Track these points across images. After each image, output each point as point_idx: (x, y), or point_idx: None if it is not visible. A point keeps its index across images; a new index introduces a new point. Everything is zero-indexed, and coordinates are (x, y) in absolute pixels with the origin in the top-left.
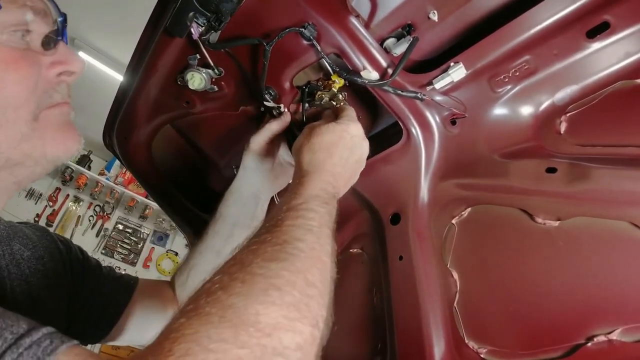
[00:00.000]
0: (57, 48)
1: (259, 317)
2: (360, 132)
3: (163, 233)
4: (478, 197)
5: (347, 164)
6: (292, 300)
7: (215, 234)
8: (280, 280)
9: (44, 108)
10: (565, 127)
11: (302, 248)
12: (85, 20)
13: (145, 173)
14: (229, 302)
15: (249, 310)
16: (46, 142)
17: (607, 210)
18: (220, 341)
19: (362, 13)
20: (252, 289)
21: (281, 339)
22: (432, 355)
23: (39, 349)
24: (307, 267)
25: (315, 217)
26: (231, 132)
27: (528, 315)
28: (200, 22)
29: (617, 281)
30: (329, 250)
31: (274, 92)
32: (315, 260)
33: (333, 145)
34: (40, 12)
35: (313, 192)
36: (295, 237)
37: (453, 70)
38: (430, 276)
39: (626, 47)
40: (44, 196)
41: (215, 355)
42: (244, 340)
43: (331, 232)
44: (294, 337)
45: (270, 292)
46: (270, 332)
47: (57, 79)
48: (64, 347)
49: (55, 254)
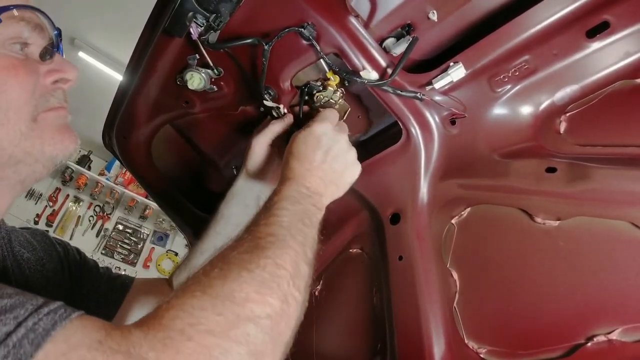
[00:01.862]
0: (53, 59)
1: (234, 293)
2: (328, 130)
3: (163, 233)
4: (478, 197)
5: (320, 165)
6: (262, 280)
7: (217, 234)
8: (251, 265)
9: (42, 111)
10: (565, 127)
11: (273, 240)
12: (85, 20)
13: (145, 173)
14: (210, 283)
15: (225, 288)
16: (44, 141)
17: (607, 210)
18: (201, 309)
19: (362, 13)
20: (228, 273)
21: (252, 309)
22: (431, 355)
23: (56, 315)
24: (277, 254)
25: (287, 214)
26: (231, 132)
27: (528, 315)
28: (199, 22)
29: (617, 281)
30: (300, 240)
31: (274, 92)
32: (286, 249)
33: (301, 151)
34: (37, 27)
35: (285, 194)
36: (267, 232)
37: (452, 70)
38: (430, 276)
39: (626, 46)
40: (44, 196)
41: (197, 319)
42: (221, 309)
43: (304, 226)
44: (264, 308)
45: (242, 274)
46: (243, 304)
47: (54, 85)
48: (76, 314)
49: (54, 256)
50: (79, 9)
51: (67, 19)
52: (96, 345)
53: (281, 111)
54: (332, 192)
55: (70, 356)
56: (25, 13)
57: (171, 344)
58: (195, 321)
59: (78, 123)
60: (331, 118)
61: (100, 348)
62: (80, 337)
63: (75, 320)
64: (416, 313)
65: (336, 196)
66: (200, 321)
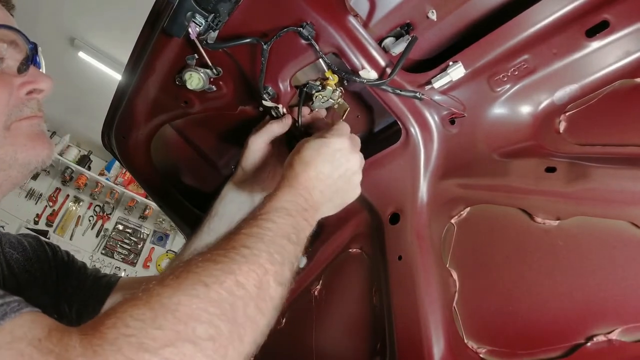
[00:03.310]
0: (28, 71)
1: (179, 307)
2: (344, 146)
3: (163, 233)
4: (477, 197)
5: (326, 179)
6: (216, 297)
7: (211, 231)
8: (209, 279)
9: (15, 120)
10: (564, 127)
11: (245, 254)
12: (85, 20)
13: (144, 173)
14: (157, 292)
15: (172, 300)
16: (17, 148)
17: (607, 209)
18: (139, 320)
19: (361, 12)
20: (182, 283)
21: (195, 328)
22: (431, 355)
23: (8, 307)
24: (242, 271)
25: (272, 228)
26: (230, 132)
27: (527, 315)
28: (198, 22)
29: (616, 281)
30: (277, 259)
31: (273, 91)
32: (254, 266)
33: (312, 159)
34: (12, 43)
35: (279, 204)
36: (242, 244)
37: (452, 70)
38: (430, 276)
39: (626, 46)
40: (44, 196)
41: (132, 330)
42: (160, 323)
43: (288, 242)
44: (208, 329)
45: (196, 287)
46: (186, 321)
47: (28, 96)
48: (28, 309)
49: (43, 257)
50: (79, 8)
51: (67, 19)
52: (35, 343)
53: (280, 111)
54: (327, 210)
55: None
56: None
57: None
58: (129, 332)
59: (78, 123)
60: (347, 133)
61: (38, 346)
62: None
63: (25, 314)
64: (416, 313)
65: (329, 213)
66: (134, 333)
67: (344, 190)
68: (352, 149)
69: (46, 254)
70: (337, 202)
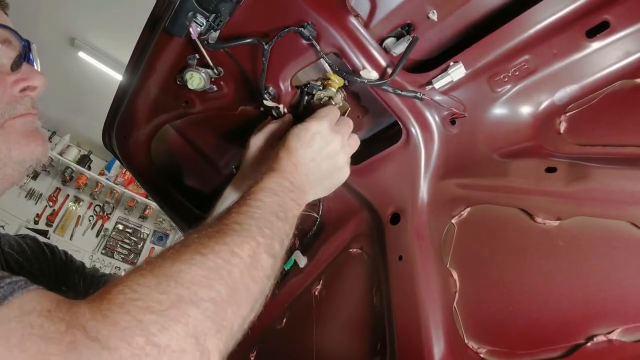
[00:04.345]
0: (21, 68)
1: (180, 274)
2: (322, 129)
3: (163, 233)
4: (477, 197)
5: (309, 162)
6: (213, 265)
7: None
8: (206, 249)
9: (8, 118)
10: (565, 127)
11: (237, 229)
12: (85, 20)
13: (145, 173)
14: (160, 263)
15: (174, 268)
16: (11, 146)
17: (607, 210)
18: (145, 286)
19: (362, 13)
20: (181, 254)
21: (196, 291)
22: (431, 355)
23: (15, 285)
24: (236, 242)
25: (260, 205)
26: (230, 132)
27: (527, 315)
28: (199, 22)
29: (616, 281)
30: (267, 233)
31: (274, 91)
32: (247, 238)
33: (292, 145)
34: (5, 41)
35: (265, 185)
36: (234, 221)
37: (452, 70)
38: (430, 276)
39: (626, 46)
40: (44, 196)
41: (138, 295)
42: (164, 288)
43: (277, 219)
44: (208, 292)
45: (194, 257)
46: (188, 286)
47: (21, 94)
48: (34, 287)
49: (41, 257)
50: (79, 8)
51: (66, 19)
52: (45, 313)
53: (281, 111)
54: (317, 192)
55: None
56: None
57: (110, 316)
58: (136, 297)
59: (78, 123)
60: (329, 116)
61: (49, 316)
62: (33, 305)
63: (32, 291)
64: (416, 313)
65: (320, 195)
66: (141, 297)
67: (329, 172)
68: (331, 130)
69: (45, 254)
70: (327, 184)
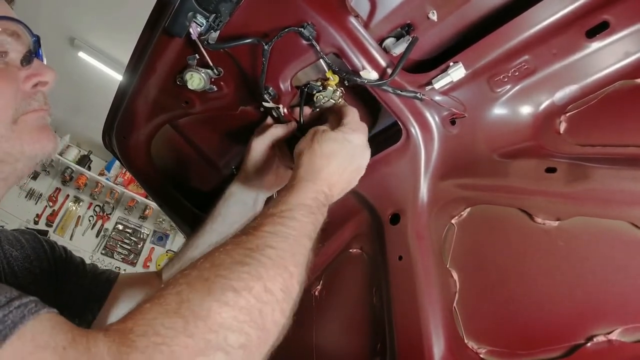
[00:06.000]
0: (32, 64)
1: (210, 314)
2: (362, 141)
3: (163, 233)
4: (477, 197)
5: (344, 173)
6: (245, 304)
7: (213, 231)
8: (239, 284)
9: (22, 113)
10: (564, 127)
11: (271, 255)
12: (85, 20)
13: (145, 173)
14: (188, 297)
15: (203, 306)
16: (24, 142)
17: (607, 210)
18: (170, 328)
19: (362, 13)
20: (212, 288)
21: (226, 336)
22: (431, 356)
23: (25, 309)
24: (269, 275)
25: (296, 226)
26: (230, 133)
27: (527, 315)
28: (199, 22)
29: (616, 281)
30: (300, 260)
31: (273, 92)
32: (280, 269)
33: (333, 153)
34: (14, 34)
35: (301, 200)
36: (267, 244)
37: (452, 70)
38: (430, 276)
39: (626, 46)
40: (44, 196)
41: (163, 339)
42: (192, 331)
43: (310, 242)
44: (239, 337)
45: (227, 294)
46: (217, 329)
47: (34, 89)
48: (45, 310)
49: (41, 254)
50: (79, 8)
51: (67, 19)
52: (60, 351)
53: (281, 111)
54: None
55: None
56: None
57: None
58: (160, 341)
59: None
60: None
61: (64, 355)
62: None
63: (44, 316)
64: (416, 313)
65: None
66: (166, 341)
67: (352, 182)
68: (367, 145)
69: (44, 250)
70: (344, 192)
